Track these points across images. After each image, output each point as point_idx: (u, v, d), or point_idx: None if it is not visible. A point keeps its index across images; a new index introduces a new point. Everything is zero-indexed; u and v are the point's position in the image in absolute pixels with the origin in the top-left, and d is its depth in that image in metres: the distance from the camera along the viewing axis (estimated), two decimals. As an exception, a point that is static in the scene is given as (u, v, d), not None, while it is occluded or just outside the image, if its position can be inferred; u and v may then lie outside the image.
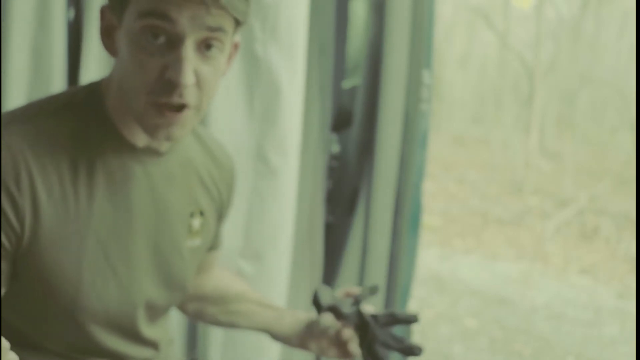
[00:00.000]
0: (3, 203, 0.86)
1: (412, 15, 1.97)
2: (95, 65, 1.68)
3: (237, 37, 0.98)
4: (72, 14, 1.79)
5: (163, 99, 0.88)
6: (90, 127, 0.94)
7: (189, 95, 0.88)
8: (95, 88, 0.98)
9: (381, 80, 1.97)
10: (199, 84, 0.89)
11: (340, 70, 2.08)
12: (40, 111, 0.94)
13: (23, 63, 1.64)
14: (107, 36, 0.94)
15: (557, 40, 8.87)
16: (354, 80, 2.15)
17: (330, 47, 1.92)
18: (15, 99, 1.63)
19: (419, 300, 4.20)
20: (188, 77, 0.86)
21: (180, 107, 0.89)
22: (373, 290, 1.16)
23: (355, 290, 1.17)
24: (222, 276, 1.28)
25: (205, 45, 0.89)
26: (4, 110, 1.51)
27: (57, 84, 1.66)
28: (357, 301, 1.13)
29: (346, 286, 1.38)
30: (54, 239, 0.91)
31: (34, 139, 0.89)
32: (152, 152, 0.99)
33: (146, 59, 0.87)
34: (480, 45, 10.82)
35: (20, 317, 0.97)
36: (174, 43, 0.86)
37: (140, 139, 0.97)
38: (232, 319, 1.25)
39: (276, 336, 1.22)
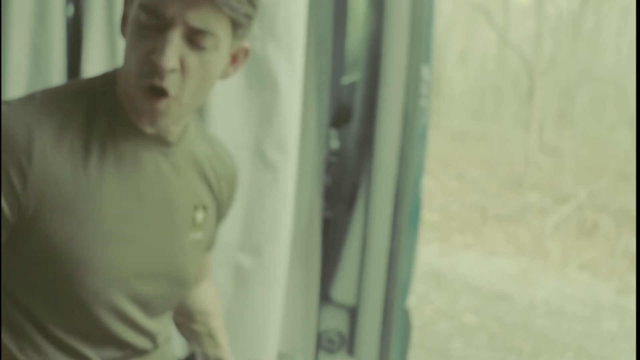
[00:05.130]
0: (12, 173, 0.90)
1: (411, 10, 1.96)
2: (95, 61, 1.68)
3: (247, 43, 1.01)
4: (71, 10, 1.79)
5: (145, 82, 0.91)
6: (103, 112, 0.98)
7: (170, 81, 0.91)
8: (111, 75, 1.02)
9: (380, 76, 1.97)
10: (183, 72, 0.92)
11: (339, 66, 2.08)
12: (58, 94, 0.98)
13: (22, 59, 1.64)
14: (124, 25, 0.99)
15: (557, 36, 8.88)
16: (354, 76, 2.16)
17: (328, 43, 1.92)
18: (15, 95, 1.63)
19: (418, 296, 4.21)
20: (169, 61, 0.89)
21: (161, 92, 0.92)
22: None
23: None
24: (205, 292, 1.31)
25: (197, 37, 0.91)
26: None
27: (57, 80, 1.66)
28: None
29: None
30: (62, 214, 0.93)
31: (51, 117, 0.93)
32: (161, 142, 1.02)
33: (139, 41, 0.92)
34: (480, 42, 10.82)
35: (28, 295, 0.98)
36: (164, 29, 0.90)
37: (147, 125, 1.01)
38: (187, 335, 1.31)
39: None
